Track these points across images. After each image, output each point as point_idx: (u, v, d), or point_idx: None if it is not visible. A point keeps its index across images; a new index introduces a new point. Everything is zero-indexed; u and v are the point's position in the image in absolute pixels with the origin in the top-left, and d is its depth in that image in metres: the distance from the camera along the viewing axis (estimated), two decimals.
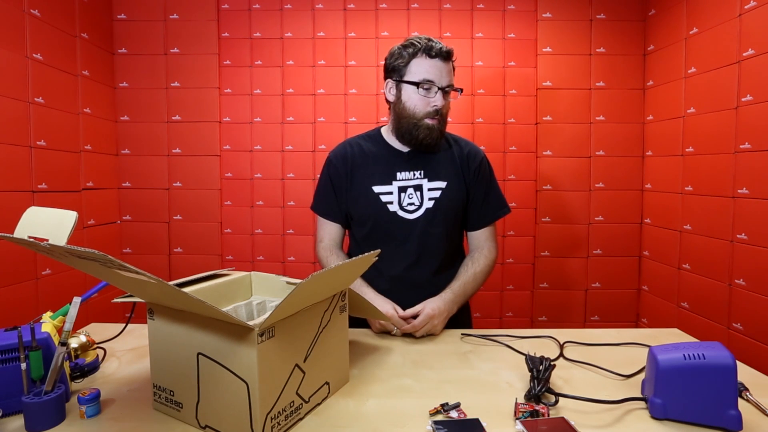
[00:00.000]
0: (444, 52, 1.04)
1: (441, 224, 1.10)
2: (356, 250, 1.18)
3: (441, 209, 1.10)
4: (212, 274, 0.88)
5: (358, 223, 1.16)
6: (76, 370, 0.78)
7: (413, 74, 1.05)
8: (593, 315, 2.25)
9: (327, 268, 0.61)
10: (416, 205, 1.10)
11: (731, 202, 1.62)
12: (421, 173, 1.11)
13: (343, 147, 1.17)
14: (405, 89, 1.06)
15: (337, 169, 1.14)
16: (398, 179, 1.11)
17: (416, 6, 2.20)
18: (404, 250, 1.10)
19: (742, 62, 1.57)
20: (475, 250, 1.17)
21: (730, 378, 0.62)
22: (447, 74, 1.05)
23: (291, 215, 2.25)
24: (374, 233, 1.12)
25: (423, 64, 1.04)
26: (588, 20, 2.18)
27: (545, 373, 0.73)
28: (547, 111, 2.20)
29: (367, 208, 1.11)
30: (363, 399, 0.74)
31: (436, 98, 1.05)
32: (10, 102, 1.56)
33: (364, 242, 1.15)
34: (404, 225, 1.10)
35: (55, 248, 0.55)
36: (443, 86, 1.04)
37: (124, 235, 2.23)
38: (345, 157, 1.14)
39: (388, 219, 1.10)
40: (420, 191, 1.10)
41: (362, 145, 1.16)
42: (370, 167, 1.13)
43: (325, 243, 1.17)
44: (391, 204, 1.10)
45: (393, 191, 1.10)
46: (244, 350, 0.59)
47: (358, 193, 1.12)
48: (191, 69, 2.19)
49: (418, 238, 1.09)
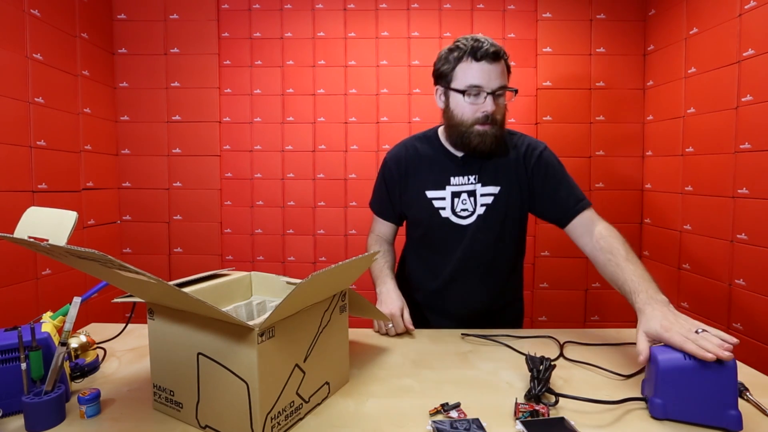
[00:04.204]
0: (491, 53, 0.97)
1: (494, 230, 1.07)
2: (411, 247, 1.22)
3: (494, 215, 1.07)
4: (212, 274, 0.88)
5: (413, 224, 1.18)
6: (76, 370, 0.78)
7: (459, 81, 1.00)
8: (593, 315, 2.25)
9: (327, 268, 0.61)
10: (470, 211, 1.08)
11: (731, 202, 1.62)
12: (475, 178, 1.07)
13: (399, 149, 1.16)
14: (452, 96, 1.02)
15: (392, 171, 1.14)
16: (452, 184, 1.08)
17: (416, 6, 2.20)
18: (456, 253, 1.10)
19: (742, 62, 1.57)
20: (596, 236, 1.01)
21: (730, 378, 0.62)
22: (497, 77, 0.98)
23: (291, 215, 2.25)
24: (427, 236, 1.13)
25: (469, 69, 0.98)
26: (588, 20, 2.18)
27: (545, 373, 0.73)
28: (547, 111, 2.20)
29: (420, 213, 1.11)
30: (363, 399, 0.74)
31: (486, 104, 0.98)
32: (10, 102, 1.56)
33: (418, 242, 1.17)
34: (456, 230, 1.09)
35: (55, 248, 0.55)
36: (493, 90, 0.98)
37: (124, 235, 2.23)
38: (399, 160, 1.14)
39: (440, 224, 1.09)
40: (473, 197, 1.08)
41: (418, 147, 1.14)
42: (425, 171, 1.11)
43: (375, 234, 1.23)
44: (444, 210, 1.08)
45: (446, 197, 1.08)
46: (244, 350, 0.59)
47: (411, 198, 1.12)
48: (191, 69, 2.20)
49: (470, 243, 1.08)
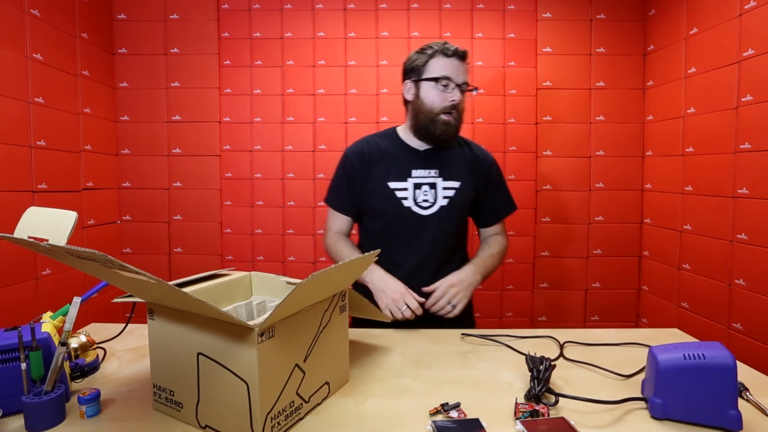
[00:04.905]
0: (460, 52, 1.11)
1: (453, 222, 1.17)
2: (368, 243, 1.23)
3: (454, 208, 1.16)
4: (212, 274, 0.88)
5: (372, 217, 1.20)
6: (76, 370, 0.78)
7: (432, 71, 1.11)
8: (593, 315, 2.25)
9: (327, 268, 0.61)
10: (431, 202, 1.15)
11: (731, 202, 1.62)
12: (436, 172, 1.16)
13: (361, 144, 1.22)
14: (423, 86, 1.12)
15: (354, 165, 1.19)
16: (413, 176, 1.16)
17: (416, 6, 2.20)
18: (417, 243, 1.15)
19: (742, 62, 1.57)
20: (487, 238, 1.26)
21: (730, 378, 0.62)
22: (463, 73, 1.12)
23: (291, 215, 2.25)
24: (389, 227, 1.17)
25: (441, 63, 1.11)
26: (588, 20, 2.18)
27: (545, 373, 0.74)
28: (547, 111, 2.20)
29: (382, 203, 1.16)
30: (363, 399, 0.74)
31: (453, 94, 1.11)
32: (10, 102, 1.56)
33: (378, 235, 1.19)
34: (418, 220, 1.15)
35: (55, 248, 0.55)
36: (459, 83, 1.11)
37: (124, 235, 2.23)
38: (362, 154, 1.19)
39: (403, 214, 1.15)
40: (434, 189, 1.16)
41: (379, 142, 1.21)
42: (387, 164, 1.17)
43: (333, 231, 1.24)
44: (406, 200, 1.15)
45: (408, 187, 1.15)
46: (244, 350, 0.59)
47: (374, 189, 1.17)
48: (191, 69, 2.19)
49: (431, 233, 1.15)
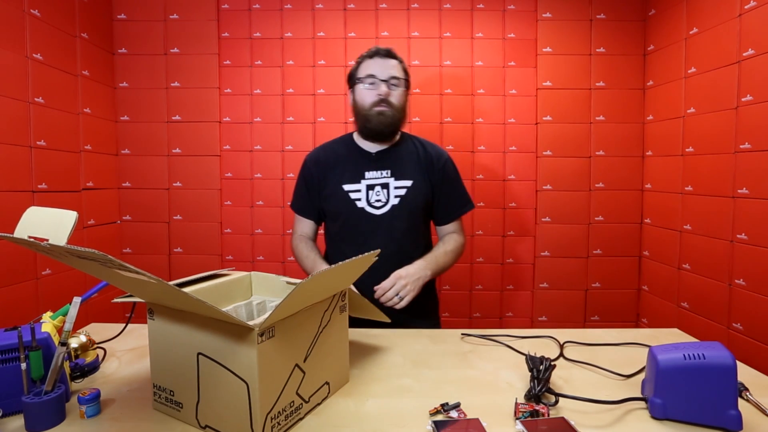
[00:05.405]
0: (382, 50, 1.21)
1: (406, 220, 1.22)
2: (330, 244, 1.31)
3: (406, 206, 1.21)
4: (212, 274, 0.88)
5: (331, 219, 1.28)
6: (76, 370, 0.78)
7: (360, 74, 1.22)
8: (593, 315, 2.25)
9: (327, 268, 0.61)
10: (383, 201, 1.21)
11: (731, 202, 1.62)
12: (388, 173, 1.23)
13: (317, 151, 1.31)
14: (357, 89, 1.22)
15: (311, 171, 1.27)
16: (366, 178, 1.22)
17: (416, 6, 2.20)
18: (372, 243, 1.19)
19: (742, 62, 1.57)
20: (444, 237, 1.30)
21: (730, 378, 0.62)
22: (388, 69, 1.19)
23: (291, 215, 2.22)
24: (345, 228, 1.23)
25: (366, 64, 1.21)
26: (588, 20, 2.18)
27: (545, 373, 0.74)
28: (547, 111, 2.20)
29: (337, 205, 1.22)
30: (363, 399, 0.74)
31: (380, 88, 1.18)
32: (10, 102, 1.56)
33: (336, 236, 1.27)
34: (371, 220, 1.20)
35: (55, 248, 0.55)
36: (385, 78, 1.18)
37: (124, 235, 2.23)
38: (318, 160, 1.28)
39: (356, 215, 1.21)
40: (387, 189, 1.22)
41: (334, 148, 1.29)
42: (341, 167, 1.24)
43: (298, 234, 1.32)
44: (360, 201, 1.21)
45: (361, 189, 1.21)
46: (244, 350, 0.59)
47: (330, 192, 1.23)
48: (191, 69, 2.19)
49: (385, 232, 1.20)
